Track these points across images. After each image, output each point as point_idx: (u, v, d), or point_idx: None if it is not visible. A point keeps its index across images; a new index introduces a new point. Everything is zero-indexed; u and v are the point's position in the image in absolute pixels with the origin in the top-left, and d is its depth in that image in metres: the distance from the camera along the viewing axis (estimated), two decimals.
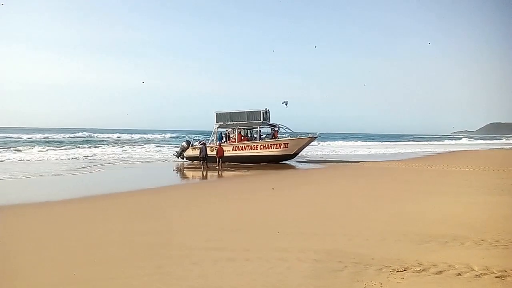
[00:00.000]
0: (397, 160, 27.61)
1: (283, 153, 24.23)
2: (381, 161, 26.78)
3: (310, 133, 25.69)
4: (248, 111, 24.86)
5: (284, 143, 24.05)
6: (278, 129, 25.39)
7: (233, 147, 24.45)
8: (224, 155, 23.18)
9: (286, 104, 25.82)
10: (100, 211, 9.44)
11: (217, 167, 21.43)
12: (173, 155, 26.64)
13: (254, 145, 24.25)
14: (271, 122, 25.71)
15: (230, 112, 25.18)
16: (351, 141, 67.77)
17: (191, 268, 5.14)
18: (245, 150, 24.31)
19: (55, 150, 31.77)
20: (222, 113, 25.27)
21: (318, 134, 26.02)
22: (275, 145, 24.01)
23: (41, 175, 16.41)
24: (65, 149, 33.50)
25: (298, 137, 24.75)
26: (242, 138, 25.28)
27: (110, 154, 29.81)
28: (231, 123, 25.25)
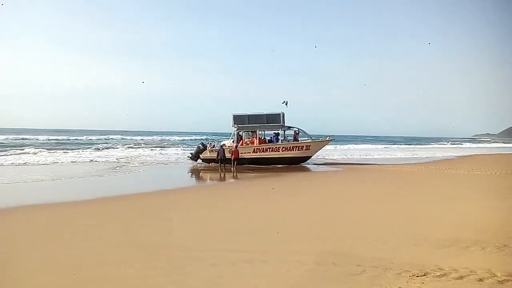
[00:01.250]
0: (417, 163, 27.19)
1: (304, 155, 24.83)
2: (401, 164, 26.41)
3: (327, 135, 26.36)
4: (267, 114, 25.02)
5: (306, 145, 24.69)
6: (298, 131, 25.53)
7: (254, 149, 24.49)
8: (246, 157, 23.58)
9: (286, 104, 25.96)
10: (120, 212, 9.58)
11: (232, 169, 21.64)
12: (188, 157, 26.68)
13: (276, 147, 24.53)
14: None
15: (249, 115, 25.21)
16: (366, 144, 66.48)
17: (209, 269, 5.19)
18: (267, 152, 24.50)
19: (85, 152, 32.46)
20: (240, 115, 25.27)
21: (333, 137, 26.79)
22: (297, 147, 24.63)
23: (80, 177, 16.81)
24: (94, 150, 34.58)
25: (319, 140, 25.60)
26: (260, 140, 25.34)
27: (141, 156, 30.77)
28: (250, 125, 25.28)
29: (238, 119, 25.22)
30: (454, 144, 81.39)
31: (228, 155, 22.55)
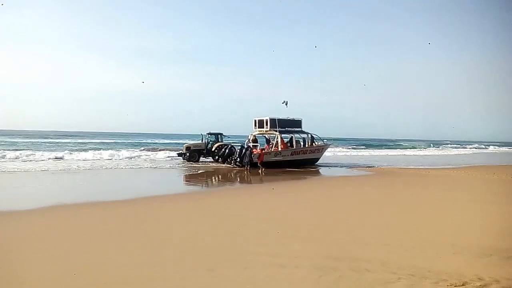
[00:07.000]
0: (459, 167, 26.20)
1: (319, 157, 27.74)
2: (440, 168, 25.58)
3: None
4: (293, 119, 26.64)
5: (321, 148, 27.76)
6: (312, 136, 27.16)
7: (292, 152, 25.70)
8: (286, 159, 24.88)
9: (286, 104, 26.67)
10: (156, 213, 9.80)
11: (260, 172, 21.94)
12: (235, 164, 26.06)
13: (306, 150, 26.53)
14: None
15: (284, 119, 26.09)
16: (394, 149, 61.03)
17: (242, 273, 5.24)
18: (299, 154, 26.07)
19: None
20: (282, 119, 25.92)
21: (332, 142, 31.78)
22: (317, 150, 27.30)
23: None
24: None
25: (326, 143, 28.92)
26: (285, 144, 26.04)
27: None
28: (287, 129, 26.42)
29: (281, 123, 25.86)
30: (496, 147, 77.20)
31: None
